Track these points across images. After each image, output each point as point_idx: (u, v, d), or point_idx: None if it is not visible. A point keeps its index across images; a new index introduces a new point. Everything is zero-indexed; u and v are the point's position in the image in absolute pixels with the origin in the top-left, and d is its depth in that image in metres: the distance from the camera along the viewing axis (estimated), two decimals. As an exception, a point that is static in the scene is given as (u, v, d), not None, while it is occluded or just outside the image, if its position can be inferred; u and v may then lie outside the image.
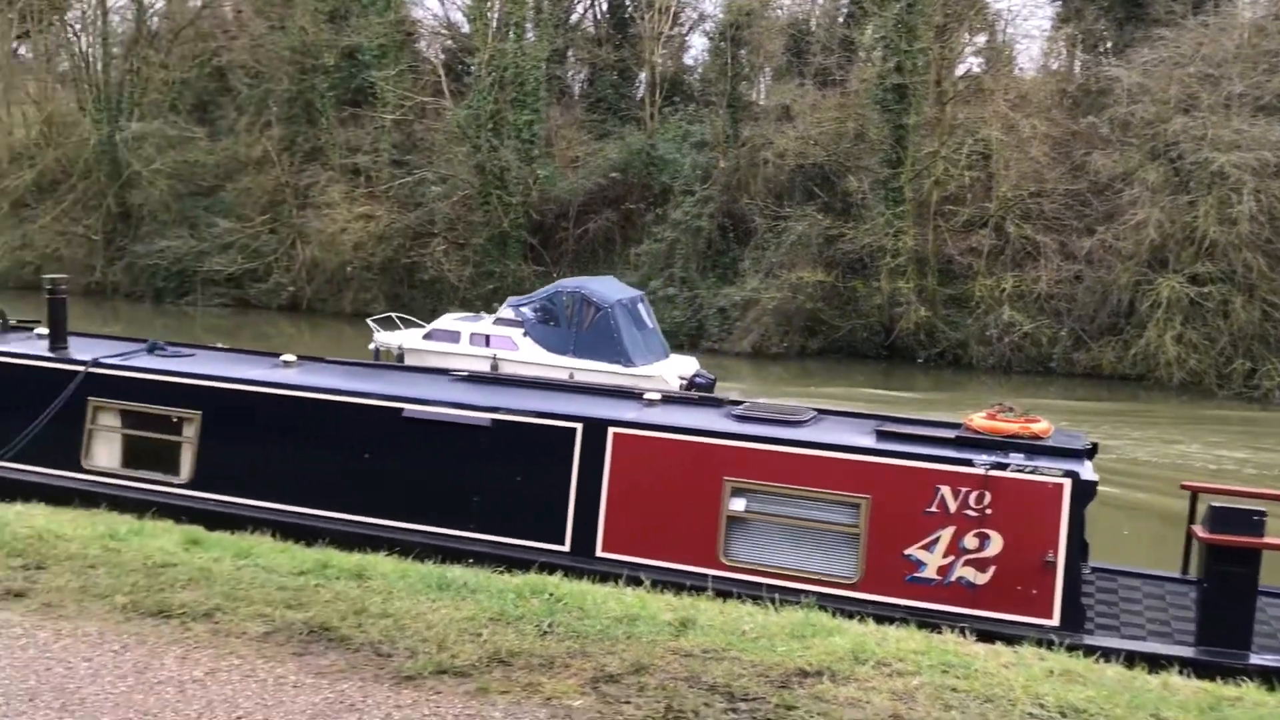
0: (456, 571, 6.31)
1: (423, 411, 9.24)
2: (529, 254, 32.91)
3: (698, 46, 38.29)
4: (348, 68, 35.81)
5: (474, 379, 10.55)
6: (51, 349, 10.70)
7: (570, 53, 38.29)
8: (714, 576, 8.09)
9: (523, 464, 8.95)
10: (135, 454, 10.06)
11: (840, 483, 8.14)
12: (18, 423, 10.10)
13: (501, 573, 7.05)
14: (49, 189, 39.34)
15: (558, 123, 34.89)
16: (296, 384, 9.86)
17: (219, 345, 12.96)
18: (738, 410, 9.12)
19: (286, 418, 9.71)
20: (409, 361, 18.53)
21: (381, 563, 6.46)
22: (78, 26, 43.09)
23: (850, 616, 6.86)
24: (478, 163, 32.44)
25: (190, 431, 9.80)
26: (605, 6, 38.65)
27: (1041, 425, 8.34)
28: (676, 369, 19.32)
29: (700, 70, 37.04)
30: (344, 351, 19.04)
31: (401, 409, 9.28)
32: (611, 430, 8.70)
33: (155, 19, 40.46)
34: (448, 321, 20.84)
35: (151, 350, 10.86)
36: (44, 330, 11.14)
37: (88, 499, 9.51)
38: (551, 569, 8.08)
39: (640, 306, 20.16)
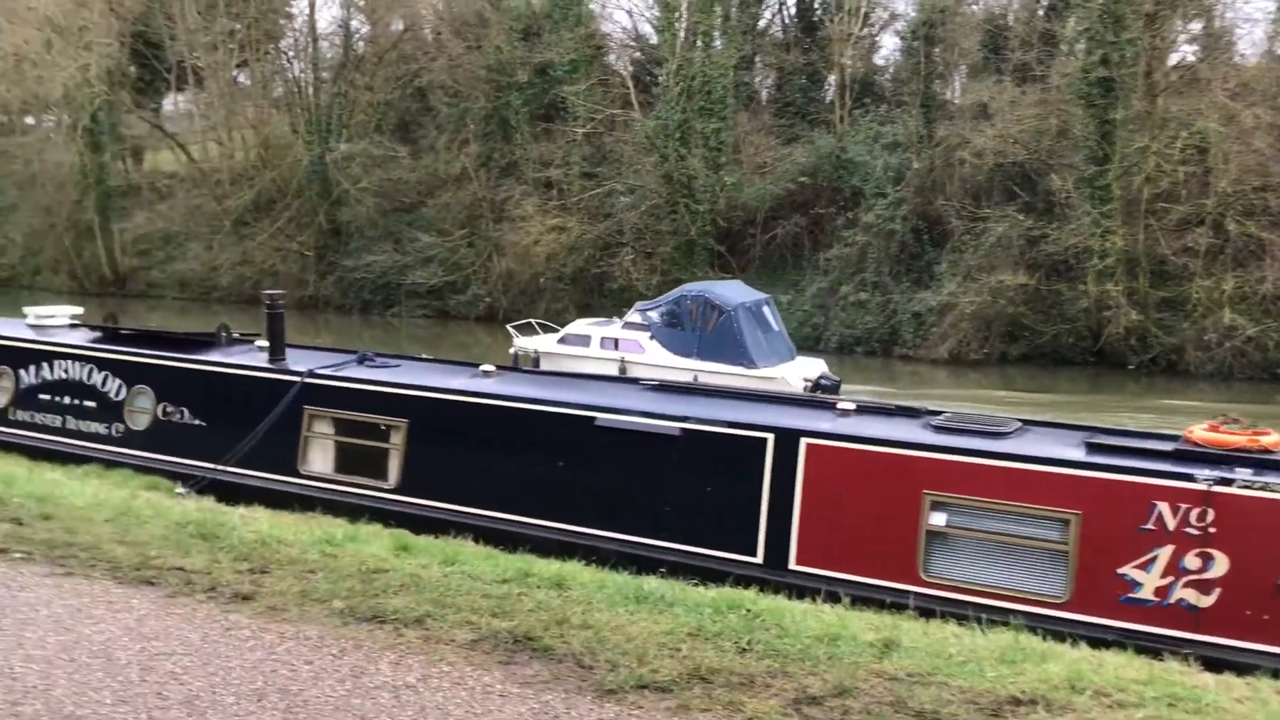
0: (652, 583, 6.30)
1: (614, 420, 9.32)
2: (716, 261, 32.92)
3: (889, 46, 37.57)
4: (540, 84, 36.78)
5: (666, 388, 10.57)
6: (271, 360, 11.34)
7: (758, 59, 38.13)
8: (914, 593, 7.85)
9: (713, 474, 8.91)
10: (347, 460, 10.52)
11: (1048, 497, 7.76)
12: (241, 429, 10.74)
13: (696, 585, 7.03)
14: (266, 208, 41.90)
15: (745, 129, 34.77)
16: (495, 393, 10.12)
17: (423, 356, 13.46)
18: (936, 420, 8.81)
19: (485, 426, 9.98)
20: (544, 365, 18.91)
21: (580, 572, 6.52)
22: (291, 54, 45.92)
23: (1060, 638, 6.52)
24: (665, 172, 32.70)
25: (397, 439, 10.18)
26: (793, 11, 38.34)
27: (1272, 438, 7.71)
28: (802, 371, 19.24)
29: (892, 70, 36.26)
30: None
31: (594, 418, 9.39)
32: (804, 441, 8.55)
33: (361, 44, 42.59)
34: (580, 326, 21.44)
35: (361, 361, 11.36)
36: (264, 343, 11.81)
37: (303, 502, 10.01)
38: (744, 581, 8.00)
39: (766, 309, 20.26)
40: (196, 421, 11.30)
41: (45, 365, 12.28)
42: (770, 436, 8.67)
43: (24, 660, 4.37)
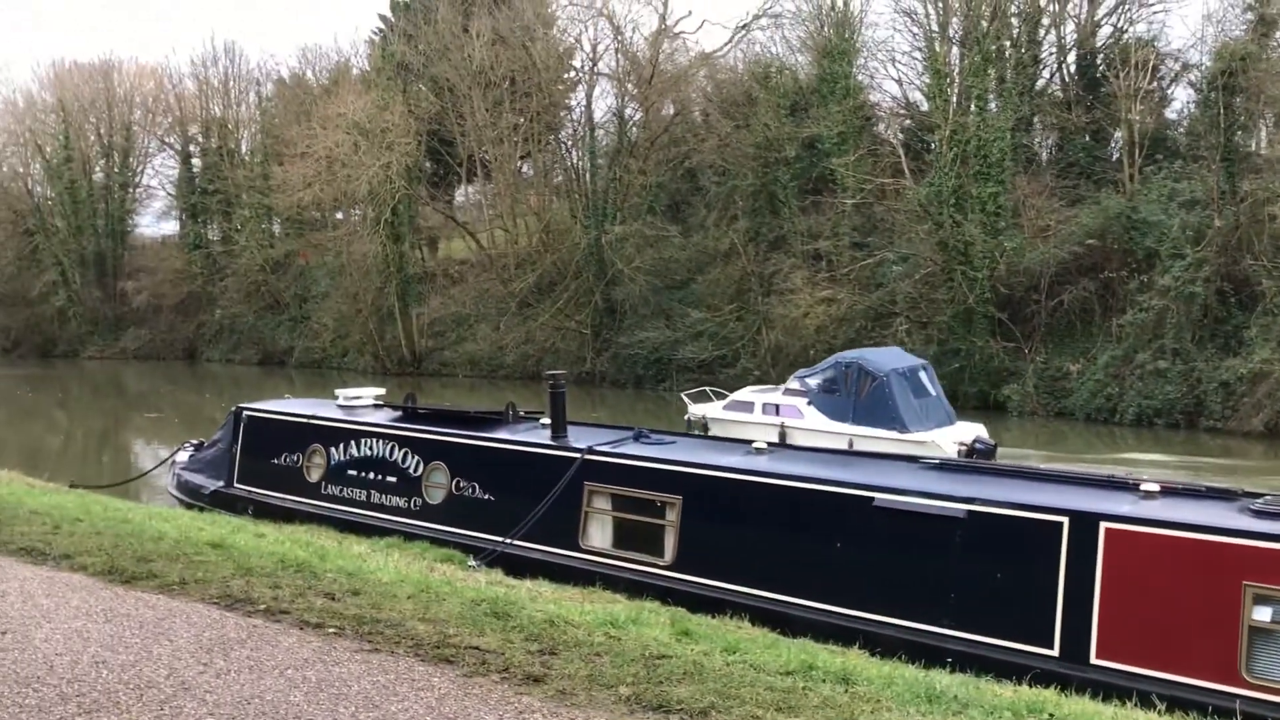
0: (944, 680, 5.95)
1: (894, 501, 9.00)
2: (997, 329, 31.62)
3: (1181, 99, 35.31)
4: (808, 157, 36.99)
5: (948, 467, 10.16)
6: (553, 437, 11.74)
7: (1036, 119, 36.71)
8: (1238, 696, 7.07)
9: (1002, 559, 8.42)
10: (624, 535, 10.68)
11: None
12: (526, 504, 11.14)
13: (988, 680, 6.60)
14: (547, 289, 44.04)
15: (1025, 192, 33.41)
16: (768, 471, 10.02)
17: (696, 433, 13.60)
18: (1257, 504, 7.98)
19: (759, 504, 9.88)
20: (713, 430, 19.70)
21: (866, 666, 6.25)
22: (569, 144, 48.40)
23: None
24: (940, 239, 31.90)
25: (672, 515, 10.24)
26: (1073, 69, 36.76)
27: None
28: (957, 436, 19.44)
29: (1186, 124, 33.98)
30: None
31: (872, 498, 9.11)
32: (1103, 525, 7.95)
33: (634, 130, 44.35)
34: (745, 393, 22.42)
35: (637, 438, 11.57)
36: (547, 420, 12.27)
37: (583, 577, 10.22)
38: (1040, 675, 7.49)
39: (922, 375, 20.76)
40: (486, 496, 11.81)
41: (353, 443, 13.23)
42: (1065, 520, 8.13)
43: (336, 733, 4.62)
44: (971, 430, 20.01)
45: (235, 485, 14.39)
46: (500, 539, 11.14)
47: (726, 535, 9.96)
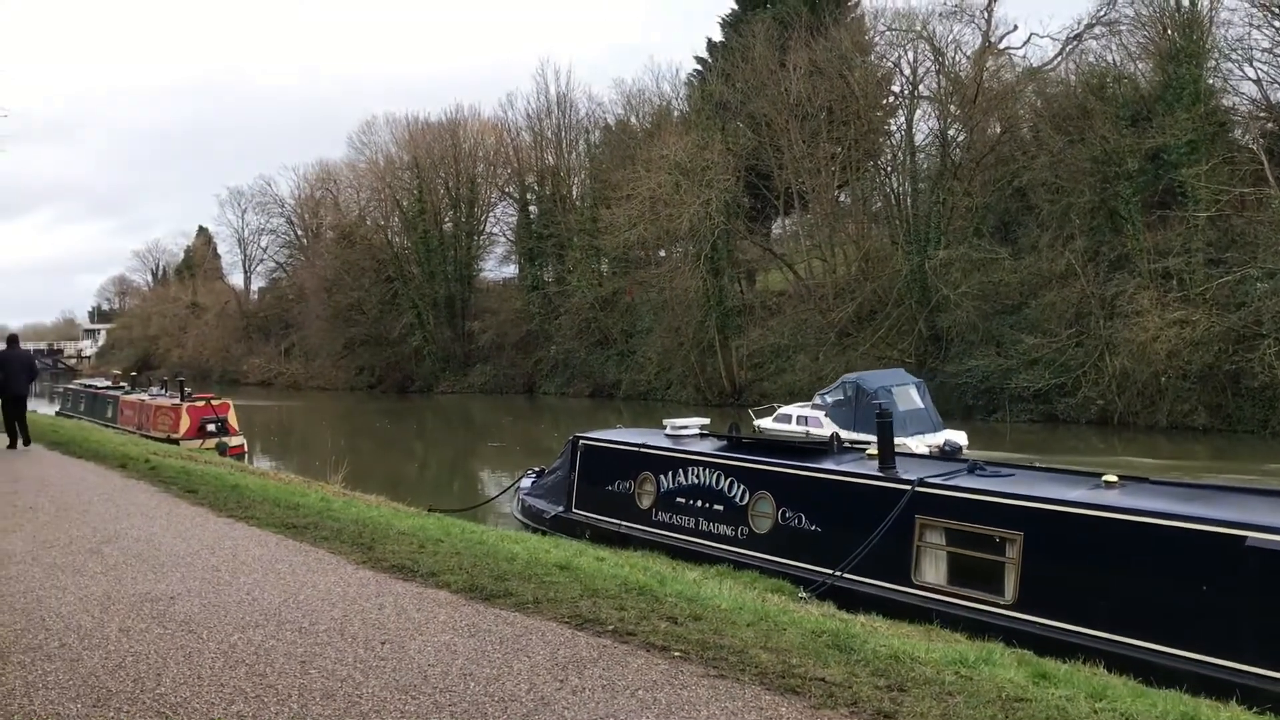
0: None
1: (1271, 541, 8.09)
2: (1389, 350, 27.95)
3: None
4: (1152, 169, 34.45)
5: (1330, 501, 9.03)
6: (881, 469, 11.47)
7: None
8: None
9: None
10: (960, 572, 10.22)
11: None
12: (853, 536, 10.92)
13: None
14: (867, 319, 43.44)
15: None
16: (1120, 506, 9.30)
17: (1037, 464, 12.83)
18: None
19: (1111, 542, 9.17)
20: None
21: (1240, 716, 5.61)
22: (888, 169, 47.64)
23: None
24: (1314, 252, 28.69)
25: (1013, 552, 9.71)
26: None
27: None
28: (931, 440, 23.22)
29: None
30: (1150, 468, 18.00)
31: (1245, 537, 8.23)
32: None
33: (957, 151, 43.01)
34: (787, 409, 29.52)
35: (972, 470, 11.08)
36: (873, 451, 12.02)
37: (916, 613, 9.86)
38: None
39: (912, 391, 25.78)
40: (813, 527, 11.70)
41: (681, 471, 13.55)
42: None
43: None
44: (949, 435, 23.93)
45: (574, 510, 15.08)
46: (828, 571, 10.98)
47: (1075, 575, 9.30)
